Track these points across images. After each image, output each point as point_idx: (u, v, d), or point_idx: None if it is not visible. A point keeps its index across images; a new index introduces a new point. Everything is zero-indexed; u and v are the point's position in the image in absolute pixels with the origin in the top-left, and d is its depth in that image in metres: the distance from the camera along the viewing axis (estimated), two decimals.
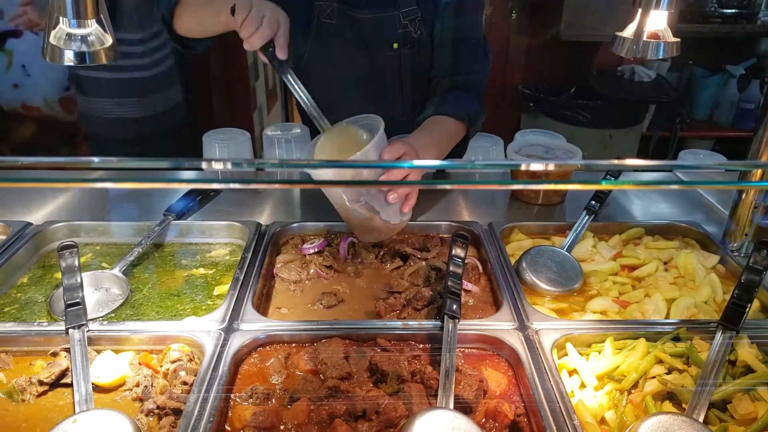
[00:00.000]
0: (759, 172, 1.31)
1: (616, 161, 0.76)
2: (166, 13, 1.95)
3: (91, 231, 1.89)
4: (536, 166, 0.78)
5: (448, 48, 2.11)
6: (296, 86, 1.72)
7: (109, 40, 0.97)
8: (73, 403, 1.21)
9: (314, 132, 2.39)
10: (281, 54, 1.68)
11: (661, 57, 1.04)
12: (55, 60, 0.96)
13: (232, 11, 1.63)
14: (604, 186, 1.68)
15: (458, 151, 2.12)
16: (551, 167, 0.90)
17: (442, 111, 1.99)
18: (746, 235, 1.82)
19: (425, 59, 2.15)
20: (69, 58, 0.97)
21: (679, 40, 1.08)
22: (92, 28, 0.95)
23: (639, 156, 4.57)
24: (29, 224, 1.87)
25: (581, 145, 2.32)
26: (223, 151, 2.25)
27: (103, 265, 1.76)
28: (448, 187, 1.61)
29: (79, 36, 0.94)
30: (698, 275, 1.67)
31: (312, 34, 2.12)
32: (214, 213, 2.07)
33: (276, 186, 2.09)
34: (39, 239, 1.82)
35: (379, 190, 1.66)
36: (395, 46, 2.12)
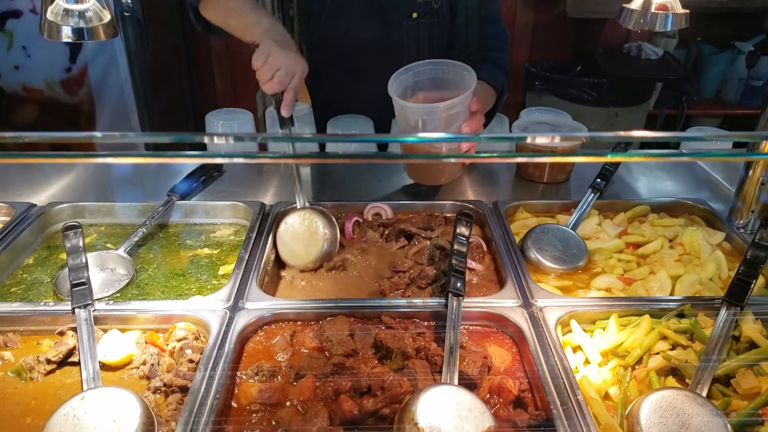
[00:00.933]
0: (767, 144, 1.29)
1: (622, 133, 0.75)
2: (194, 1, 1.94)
3: (95, 212, 1.90)
4: (542, 140, 0.77)
5: (474, 24, 2.11)
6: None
7: (107, 16, 0.97)
8: (81, 381, 1.22)
9: (318, 110, 2.39)
10: (285, 112, 1.68)
11: (669, 29, 1.03)
12: (52, 36, 0.96)
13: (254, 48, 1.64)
14: (611, 158, 1.67)
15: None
16: (557, 140, 0.89)
17: (480, 76, 1.99)
18: (752, 212, 1.81)
19: (443, 31, 2.15)
20: (66, 34, 0.96)
21: (688, 11, 1.06)
22: (90, 3, 0.94)
23: (644, 142, 4.54)
24: (33, 205, 1.88)
25: (587, 123, 2.30)
26: (226, 130, 2.25)
27: (108, 245, 1.77)
28: (453, 160, 1.61)
29: (76, 12, 0.93)
30: (703, 252, 1.67)
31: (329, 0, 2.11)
32: (218, 193, 2.07)
33: (282, 161, 2.07)
34: (43, 220, 1.83)
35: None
36: (414, 15, 2.12)
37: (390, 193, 2.05)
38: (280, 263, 1.72)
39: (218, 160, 2.19)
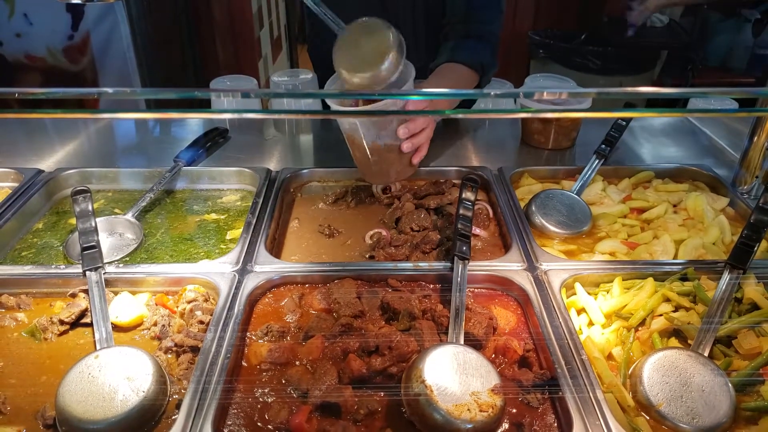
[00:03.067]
0: None
1: (630, 89, 0.75)
2: None
3: (102, 178, 1.91)
4: (548, 96, 0.77)
5: None
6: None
7: None
8: (94, 341, 1.25)
9: (323, 77, 2.38)
10: None
11: None
12: None
13: None
14: (620, 114, 1.66)
15: (468, 101, 2.10)
16: (564, 96, 0.89)
17: (456, 58, 1.97)
18: (756, 177, 1.82)
19: (439, 5, 2.11)
20: None
21: None
22: None
23: (649, 104, 4.51)
24: (41, 171, 1.89)
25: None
26: (230, 97, 2.24)
27: (116, 211, 1.78)
28: (460, 116, 1.60)
29: None
30: (707, 217, 1.68)
31: None
32: (224, 160, 2.08)
33: (286, 116, 2.07)
34: (51, 186, 1.84)
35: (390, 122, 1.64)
36: None
37: None
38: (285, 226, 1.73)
39: (226, 116, 2.18)
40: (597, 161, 1.86)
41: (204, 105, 2.47)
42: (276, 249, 1.62)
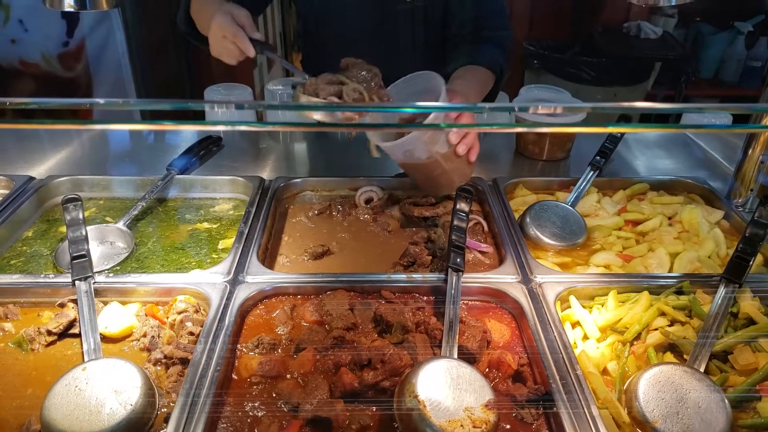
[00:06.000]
0: None
1: (625, 104, 0.75)
2: (182, 15, 1.92)
3: (94, 185, 1.89)
4: (543, 110, 0.77)
5: (469, 3, 2.07)
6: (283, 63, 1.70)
7: None
8: (82, 352, 1.23)
9: None
10: (249, 53, 1.65)
11: (674, 3, 1.02)
12: (54, 5, 0.95)
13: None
14: (614, 129, 1.65)
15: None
16: (559, 110, 0.89)
17: (476, 61, 1.96)
18: (751, 190, 1.82)
19: (439, 13, 2.11)
20: (69, 3, 0.95)
21: None
22: None
23: (643, 116, 4.53)
24: (32, 178, 1.87)
25: (585, 102, 2.29)
26: (224, 108, 2.23)
27: (107, 219, 1.76)
28: (455, 129, 1.59)
29: None
30: (702, 230, 1.67)
31: None
32: (217, 168, 2.07)
33: (281, 128, 2.06)
34: (42, 193, 1.82)
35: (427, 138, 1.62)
36: None
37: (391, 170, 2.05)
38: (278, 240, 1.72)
39: (220, 128, 2.17)
40: (592, 173, 1.85)
41: (198, 113, 2.46)
42: (268, 259, 1.60)
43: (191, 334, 1.30)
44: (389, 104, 1.46)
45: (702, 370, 1.18)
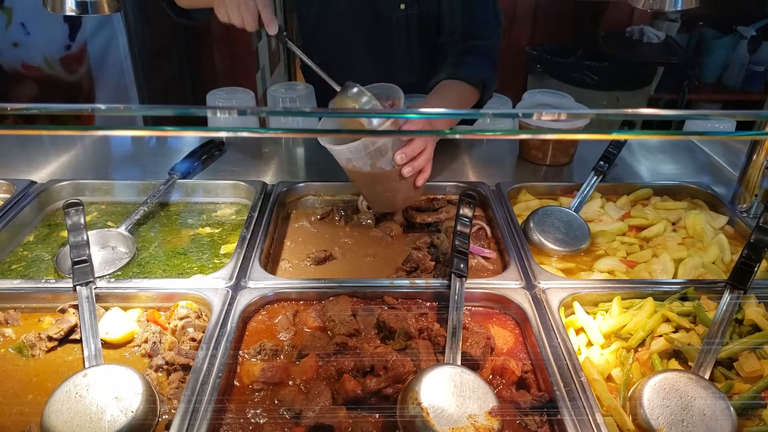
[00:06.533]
0: None
1: (629, 111, 0.74)
2: None
3: (96, 190, 1.88)
4: (547, 117, 0.76)
5: (458, 10, 2.06)
6: (298, 53, 1.67)
7: None
8: (83, 358, 1.22)
9: (319, 90, 2.37)
10: (270, 30, 1.62)
11: (679, 8, 1.01)
12: (56, 9, 0.94)
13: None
14: (617, 136, 1.65)
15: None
16: (563, 117, 0.88)
17: (456, 75, 1.95)
18: (756, 196, 1.81)
19: (433, 20, 2.10)
20: (71, 7, 0.95)
21: None
22: None
23: (645, 120, 4.53)
24: (33, 183, 1.86)
25: (588, 106, 2.29)
26: (227, 114, 2.23)
27: (109, 223, 1.76)
28: (458, 136, 1.58)
29: None
30: (707, 236, 1.66)
31: None
32: (219, 173, 2.06)
33: (283, 135, 2.06)
34: (44, 198, 1.81)
35: (387, 148, 1.61)
36: (402, 6, 2.08)
37: None
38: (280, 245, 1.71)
39: (222, 134, 2.17)
40: (595, 178, 1.85)
41: (201, 118, 2.45)
42: (271, 265, 1.60)
43: (193, 340, 1.29)
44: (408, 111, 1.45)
45: (707, 377, 1.17)
